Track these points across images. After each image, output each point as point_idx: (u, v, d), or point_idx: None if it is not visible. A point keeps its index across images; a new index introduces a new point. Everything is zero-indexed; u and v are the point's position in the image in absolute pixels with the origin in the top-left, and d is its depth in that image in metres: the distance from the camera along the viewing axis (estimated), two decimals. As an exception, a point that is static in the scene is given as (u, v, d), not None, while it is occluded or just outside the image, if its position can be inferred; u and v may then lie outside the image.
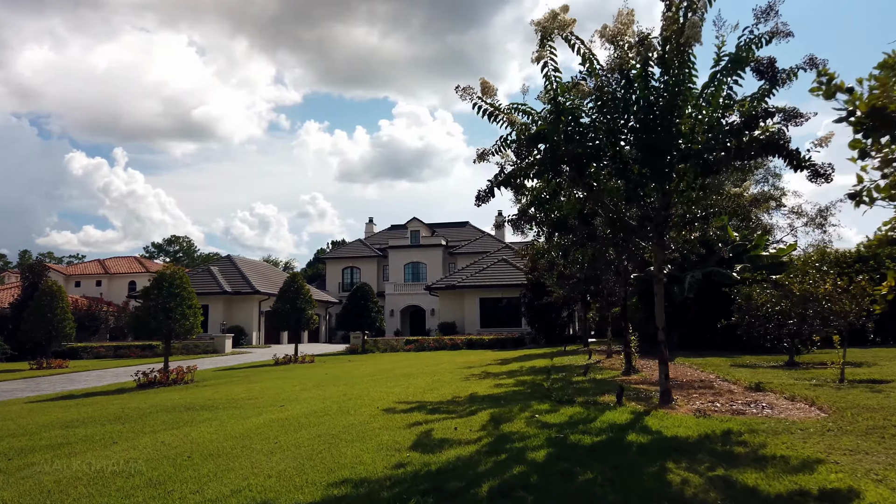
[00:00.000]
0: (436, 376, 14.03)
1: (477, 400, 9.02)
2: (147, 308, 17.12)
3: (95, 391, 16.63)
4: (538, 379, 11.68)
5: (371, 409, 8.58)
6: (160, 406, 11.43)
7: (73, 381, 20.84)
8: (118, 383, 18.81)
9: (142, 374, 16.95)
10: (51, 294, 26.42)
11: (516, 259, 44.78)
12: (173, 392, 14.89)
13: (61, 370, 24.81)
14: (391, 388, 11.47)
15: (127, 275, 66.42)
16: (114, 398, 14.39)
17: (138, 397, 14.08)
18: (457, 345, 31.65)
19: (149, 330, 17.05)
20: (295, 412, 8.88)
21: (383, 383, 12.94)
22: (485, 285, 41.21)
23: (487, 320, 41.20)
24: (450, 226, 69.59)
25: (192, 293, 17.68)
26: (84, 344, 34.60)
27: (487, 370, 15.16)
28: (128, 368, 25.22)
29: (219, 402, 11.39)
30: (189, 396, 13.06)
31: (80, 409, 12.26)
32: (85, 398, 14.86)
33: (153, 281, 17.37)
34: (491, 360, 19.97)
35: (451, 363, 19.35)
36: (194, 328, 17.65)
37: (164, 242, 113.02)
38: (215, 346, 36.19)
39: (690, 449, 5.24)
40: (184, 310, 17.32)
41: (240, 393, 13.03)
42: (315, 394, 11.58)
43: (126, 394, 15.38)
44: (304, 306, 24.77)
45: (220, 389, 14.47)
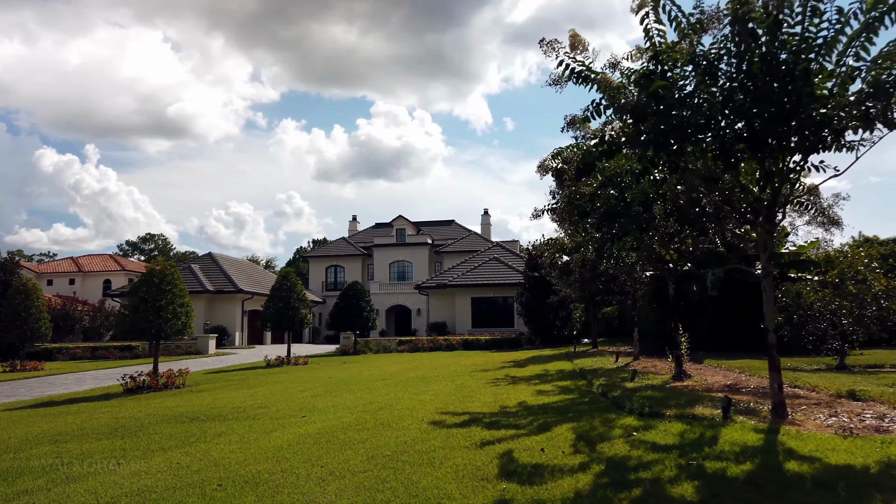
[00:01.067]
0: (456, 380, 12.97)
1: (534, 410, 8.00)
2: (136, 306, 15.81)
3: (78, 396, 15.29)
4: (580, 385, 10.69)
5: (415, 422, 7.51)
6: (158, 415, 10.22)
7: (52, 384, 19.40)
8: (102, 388, 17.44)
9: (129, 377, 15.64)
10: (25, 292, 24.80)
11: (509, 258, 43.96)
12: (167, 398, 13.64)
13: (37, 373, 23.27)
14: (418, 396, 10.38)
15: (101, 273, 64.26)
16: (101, 405, 13.10)
17: (129, 404, 12.80)
18: (452, 345, 30.59)
19: (139, 330, 15.75)
20: (325, 425, 7.77)
21: (403, 389, 11.85)
22: (476, 284, 40.25)
23: (479, 320, 40.26)
24: (435, 224, 68.52)
25: (184, 290, 16.41)
26: (59, 345, 32.88)
27: (508, 373, 14.14)
28: (108, 371, 23.77)
29: (225, 411, 10.21)
30: (187, 404, 11.85)
31: (66, 418, 10.98)
32: (68, 405, 13.54)
33: (142, 277, 16.05)
34: (500, 362, 18.97)
35: (459, 365, 18.31)
36: (186, 328, 16.38)
37: (139, 240, 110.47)
38: (198, 346, 34.70)
39: (884, 483, 4.26)
40: (175, 308, 16.04)
41: (244, 400, 11.85)
42: (332, 402, 10.46)
43: (114, 400, 14.08)
44: (297, 305, 23.52)
45: (220, 395, 13.25)
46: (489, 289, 40.23)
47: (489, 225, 68.39)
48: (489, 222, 68.66)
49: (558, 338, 30.98)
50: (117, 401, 13.86)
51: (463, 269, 42.75)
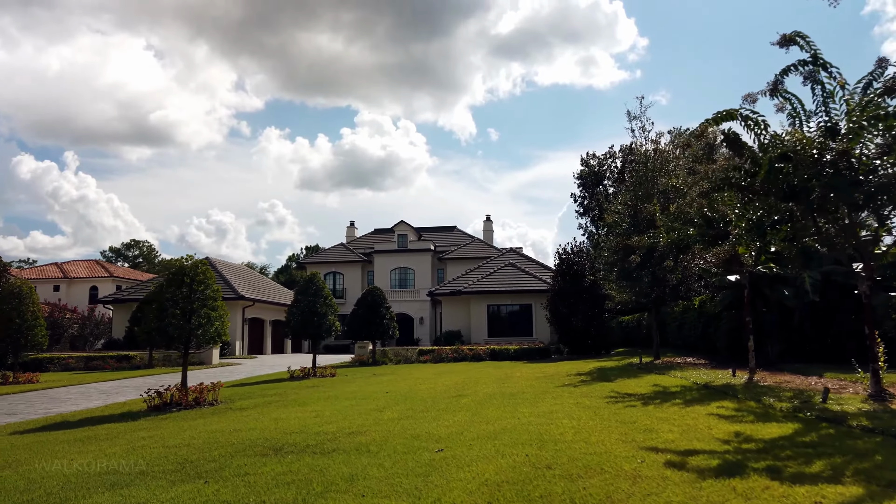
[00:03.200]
0: (559, 399, 10.93)
1: (778, 445, 6.01)
2: (162, 309, 13.62)
3: (95, 415, 13.06)
4: (752, 406, 8.74)
5: (626, 464, 5.51)
6: (222, 443, 8.10)
7: (54, 399, 17.09)
8: (118, 404, 15.19)
9: (154, 392, 13.43)
10: (19, 296, 22.40)
11: (524, 263, 42.11)
12: (207, 418, 11.48)
13: (32, 386, 20.85)
14: (552, 421, 8.21)
15: (88, 279, 61.39)
16: (131, 427, 10.92)
17: (167, 426, 10.64)
18: (479, 356, 28.56)
19: (167, 337, 13.56)
20: (493, 467, 5.70)
21: (507, 409, 9.77)
22: (492, 291, 38.33)
23: (496, 329, 38.30)
24: (437, 230, 66.56)
25: (218, 291, 14.26)
26: (50, 354, 30.33)
27: (613, 389, 12.15)
28: (113, 384, 21.44)
29: (308, 438, 8.12)
30: (244, 426, 9.73)
31: (99, 446, 8.82)
32: (89, 426, 11.34)
33: (169, 275, 13.87)
34: (560, 374, 17.01)
35: (519, 378, 16.31)
36: (220, 335, 14.22)
37: (123, 247, 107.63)
38: (201, 357, 32.28)
39: None
40: (208, 312, 13.89)
41: (313, 422, 9.76)
42: (441, 427, 8.41)
43: (142, 420, 11.90)
44: (325, 310, 21.37)
45: (274, 415, 11.13)
46: (506, 296, 38.33)
47: (491, 231, 66.60)
48: (491, 228, 66.88)
49: (590, 348, 29.06)
50: (147, 421, 11.67)
51: (477, 275, 40.81)
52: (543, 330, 37.61)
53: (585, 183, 36.75)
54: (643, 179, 19.24)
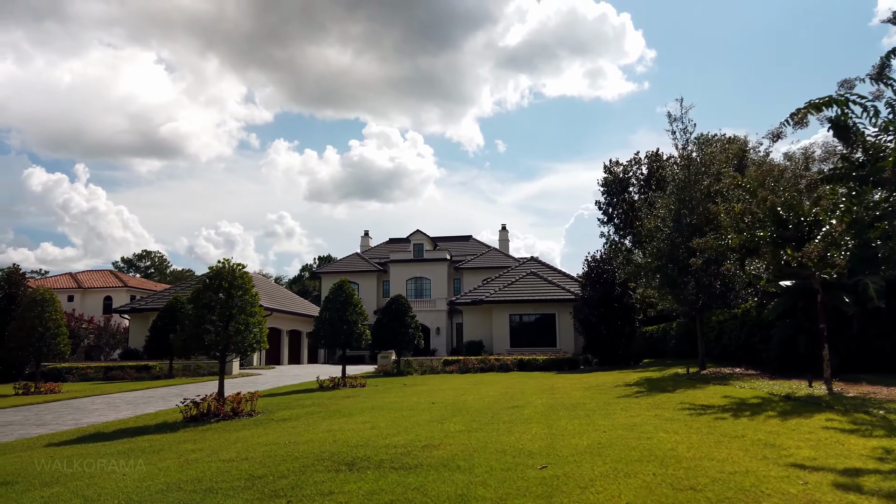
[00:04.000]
0: (627, 411, 10.24)
1: None
2: (199, 316, 13.03)
3: (129, 426, 12.46)
4: (869, 419, 8.02)
5: (792, 487, 4.79)
6: (283, 456, 7.46)
7: (81, 410, 16.51)
8: (150, 414, 14.58)
9: (191, 402, 12.81)
10: (41, 303, 21.90)
11: (547, 272, 41.39)
12: (253, 429, 10.84)
13: (56, 396, 20.29)
14: (644, 437, 7.60)
15: (102, 289, 61.07)
16: (172, 439, 10.30)
17: (213, 439, 10.01)
18: (506, 366, 27.83)
19: (204, 345, 12.94)
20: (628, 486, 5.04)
21: (586, 422, 9.10)
22: (515, 300, 37.59)
23: (518, 339, 37.53)
24: (452, 239, 65.92)
25: (257, 297, 13.66)
26: (69, 364, 29.79)
27: (682, 401, 11.46)
28: (138, 394, 20.86)
29: (378, 452, 7.48)
30: (296, 438, 9.08)
31: (149, 459, 8.20)
32: (125, 438, 10.73)
33: (206, 280, 13.27)
34: (609, 384, 16.30)
35: (572, 388, 15.63)
36: (259, 342, 13.60)
37: (135, 258, 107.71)
38: (221, 366, 31.65)
39: None
40: (246, 318, 13.28)
41: (366, 433, 9.11)
42: (517, 441, 7.71)
43: (182, 431, 11.27)
44: (355, 319, 20.75)
45: (320, 426, 10.49)
46: (529, 305, 37.58)
47: (507, 241, 65.94)
48: (507, 238, 66.20)
49: (619, 359, 28.28)
50: (188, 433, 11.05)
51: (499, 284, 40.11)
52: (567, 340, 36.87)
53: (610, 190, 36.05)
54: (686, 182, 18.58)
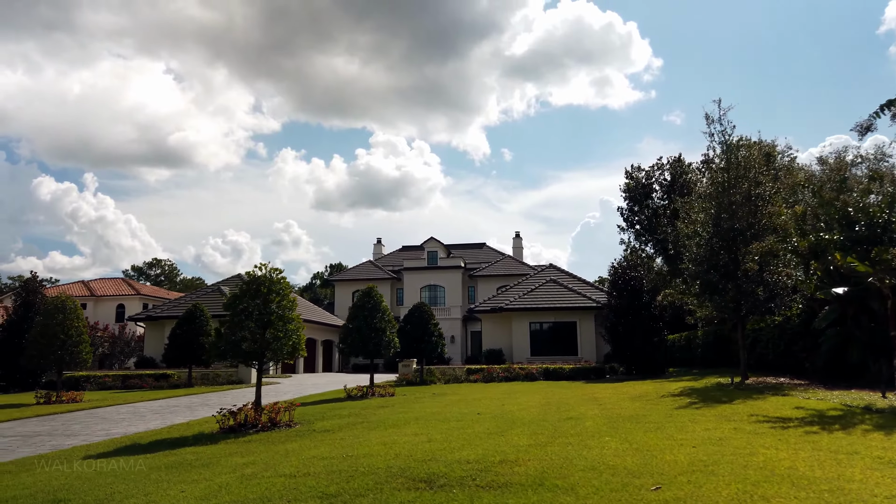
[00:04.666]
0: (711, 425, 9.68)
1: None
2: (236, 323, 12.56)
3: (163, 437, 11.99)
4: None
5: None
6: (345, 471, 6.95)
7: (108, 420, 16.06)
8: (181, 424, 14.11)
9: (227, 412, 12.33)
10: (63, 310, 21.51)
11: (566, 279, 40.82)
12: (297, 441, 10.34)
13: (79, 405, 19.86)
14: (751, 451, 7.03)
15: (115, 297, 60.81)
16: (216, 451, 9.81)
17: (260, 451, 9.52)
18: (532, 375, 27.27)
19: (242, 353, 12.46)
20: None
21: (661, 435, 8.55)
22: (535, 308, 37.04)
23: (538, 347, 36.93)
24: (466, 247, 65.50)
25: (294, 302, 13.18)
26: (87, 373, 29.40)
27: (754, 412, 10.90)
28: (162, 403, 20.41)
29: (448, 466, 6.97)
30: (351, 451, 8.58)
31: (200, 474, 7.72)
32: (164, 449, 10.25)
33: (244, 285, 12.80)
34: (654, 394, 15.74)
35: (616, 397, 15.08)
36: (297, 349, 13.12)
37: (145, 266, 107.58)
38: (240, 375, 31.28)
39: None
40: (284, 325, 12.81)
41: (426, 446, 8.60)
42: (603, 456, 7.18)
43: (223, 442, 10.78)
44: (384, 326, 20.26)
45: (370, 438, 9.99)
46: (550, 313, 37.01)
47: (521, 248, 65.40)
48: (521, 245, 65.68)
49: (647, 368, 27.65)
50: (229, 444, 10.56)
51: (518, 291, 39.56)
52: (589, 348, 36.28)
53: (633, 196, 35.51)
54: (726, 186, 18.06)
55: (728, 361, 27.62)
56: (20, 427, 15.10)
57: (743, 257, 17.40)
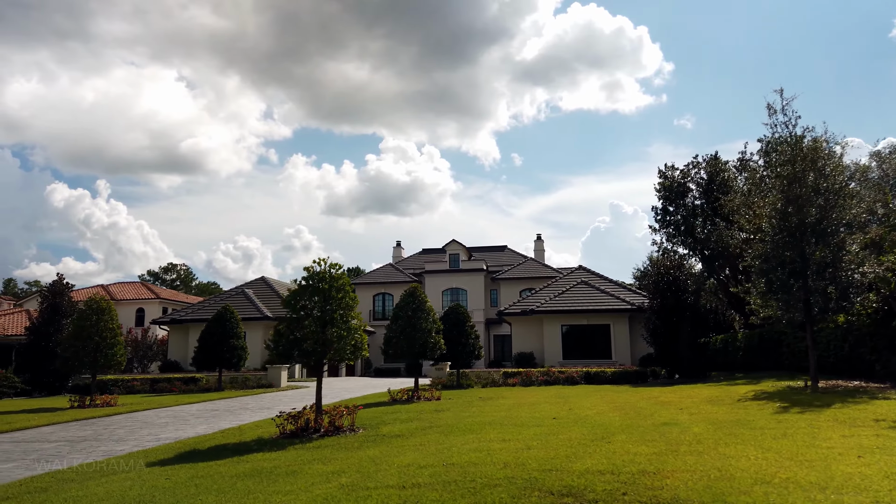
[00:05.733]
0: (842, 433, 8.77)
1: None
2: (296, 321, 11.81)
3: (220, 443, 11.24)
4: None
5: None
6: (460, 482, 6.16)
7: (151, 424, 15.36)
8: (234, 429, 13.36)
9: (288, 416, 11.57)
10: (97, 311, 20.87)
11: (598, 281, 39.93)
12: (374, 448, 9.56)
13: (115, 409, 19.17)
14: None
15: (134, 301, 60.41)
16: (289, 458, 9.04)
17: (340, 458, 8.74)
18: (573, 379, 26.41)
19: (305, 353, 11.71)
20: None
21: (800, 444, 7.71)
22: (567, 310, 36.16)
23: (571, 350, 36.05)
24: (487, 250, 64.71)
25: (356, 300, 12.43)
26: (115, 376, 28.78)
27: (877, 418, 10.02)
28: (197, 407, 19.71)
29: (583, 477, 6.15)
30: (444, 458, 7.78)
31: (291, 483, 6.95)
32: (230, 456, 9.50)
33: (303, 282, 12.05)
34: (728, 398, 14.85)
35: (689, 401, 14.21)
36: (360, 349, 12.35)
37: (161, 271, 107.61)
38: (269, 378, 30.57)
39: None
40: (347, 324, 12.05)
41: (530, 454, 7.79)
42: (758, 466, 6.36)
43: (291, 448, 10.00)
44: (429, 327, 19.49)
45: (464, 445, 9.20)
46: (582, 315, 36.13)
47: (542, 251, 64.45)
48: (542, 248, 64.73)
49: (690, 371, 26.72)
50: (300, 450, 9.78)
51: (548, 293, 38.72)
52: (623, 351, 35.39)
53: (669, 196, 34.56)
54: (794, 179, 17.16)
55: (776, 364, 26.62)
56: (62, 431, 14.42)
57: (813, 253, 16.50)
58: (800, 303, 17.12)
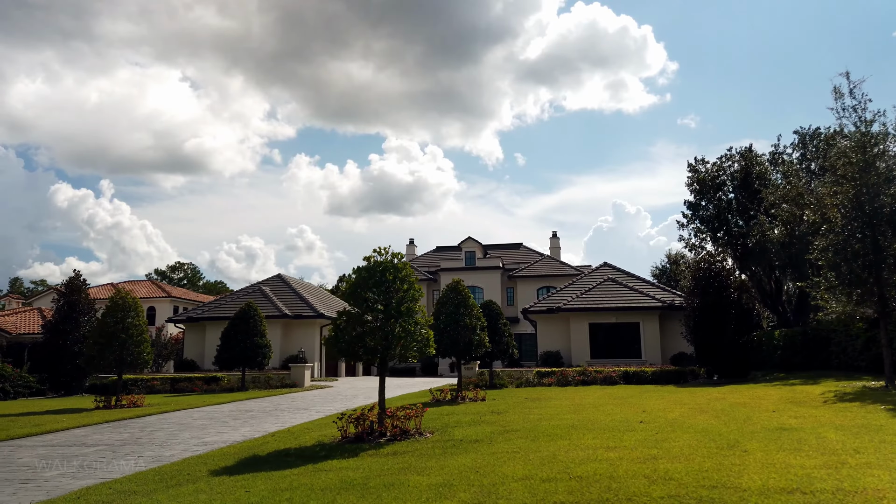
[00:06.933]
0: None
1: None
2: (358, 315, 10.82)
3: (279, 448, 10.25)
4: None
5: None
6: (623, 499, 5.19)
7: (189, 427, 14.38)
8: (282, 431, 12.36)
9: (350, 419, 10.59)
10: (123, 308, 19.93)
11: (624, 278, 38.88)
12: (462, 456, 8.56)
13: (144, 410, 18.20)
14: None
15: (145, 300, 59.32)
16: (372, 465, 8.06)
17: (431, 468, 7.75)
18: (611, 378, 25.39)
19: (368, 350, 10.71)
20: None
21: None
22: (595, 308, 35.07)
23: (599, 350, 34.95)
24: (503, 247, 63.73)
25: (421, 292, 11.43)
26: (135, 376, 27.81)
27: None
28: (228, 408, 18.75)
29: (766, 497, 5.18)
30: (575, 470, 6.80)
31: (407, 497, 5.97)
32: (299, 465, 8.51)
33: (365, 272, 11.03)
34: (813, 400, 13.84)
35: (775, 403, 13.21)
36: (427, 346, 11.35)
37: (168, 269, 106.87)
38: (293, 378, 29.59)
39: None
40: (413, 318, 11.05)
41: (654, 464, 6.81)
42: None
43: (366, 455, 9.01)
44: (474, 323, 18.49)
45: (560, 453, 8.20)
46: (611, 313, 35.04)
47: (558, 248, 63.38)
48: (558, 245, 63.66)
49: (735, 370, 25.67)
50: (374, 458, 8.79)
51: (574, 290, 37.66)
52: (653, 351, 34.33)
53: (702, 190, 33.55)
54: (865, 166, 16.17)
55: (822, 364, 25.59)
56: (96, 434, 13.44)
57: (890, 245, 15.51)
58: (874, 297, 16.14)
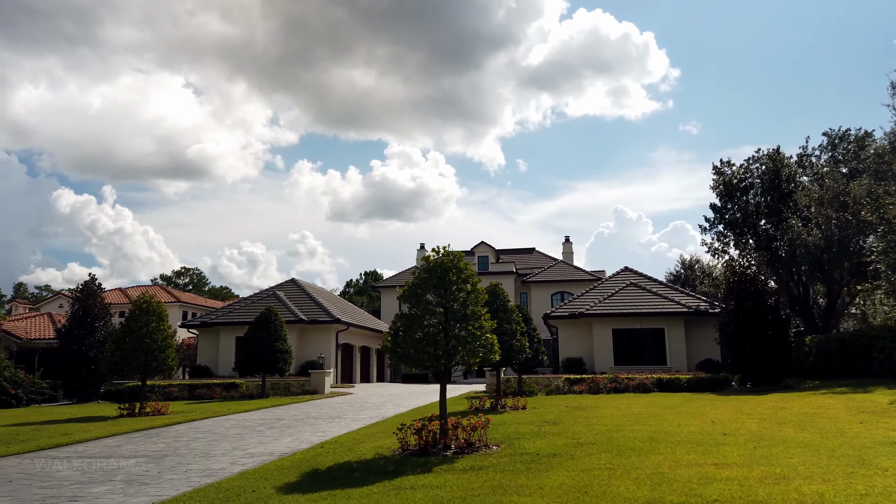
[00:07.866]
0: None
1: None
2: (417, 317, 10.09)
3: (336, 461, 9.50)
4: None
5: None
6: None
7: (225, 437, 13.64)
8: (330, 441, 11.62)
9: (412, 430, 9.85)
10: (148, 312, 19.21)
11: (647, 283, 38.13)
12: (550, 473, 7.80)
13: (169, 417, 17.46)
14: None
15: (153, 304, 58.70)
16: (450, 483, 7.32)
17: (523, 487, 7.01)
18: (644, 386, 24.59)
19: (430, 356, 9.98)
20: None
21: None
22: (618, 314, 34.30)
23: (623, 356, 34.17)
24: (516, 252, 63.07)
25: (484, 295, 10.72)
26: (152, 382, 27.05)
27: None
28: (257, 415, 18.03)
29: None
30: (704, 491, 6.07)
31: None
32: (380, 481, 7.78)
33: (425, 273, 10.31)
34: (870, 410, 13.10)
35: (833, 410, 12.48)
36: (492, 352, 10.62)
37: (174, 275, 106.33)
38: (313, 385, 28.84)
39: None
40: (477, 322, 10.33)
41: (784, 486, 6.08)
42: None
43: (439, 471, 8.26)
44: (514, 329, 17.77)
45: (666, 470, 7.47)
46: (635, 319, 34.27)
47: (571, 253, 62.59)
48: (571, 250, 62.87)
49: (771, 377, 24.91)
50: (449, 474, 8.05)
51: (596, 296, 36.87)
52: (679, 357, 33.53)
53: (728, 192, 32.87)
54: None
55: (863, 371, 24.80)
56: (130, 445, 12.70)
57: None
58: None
